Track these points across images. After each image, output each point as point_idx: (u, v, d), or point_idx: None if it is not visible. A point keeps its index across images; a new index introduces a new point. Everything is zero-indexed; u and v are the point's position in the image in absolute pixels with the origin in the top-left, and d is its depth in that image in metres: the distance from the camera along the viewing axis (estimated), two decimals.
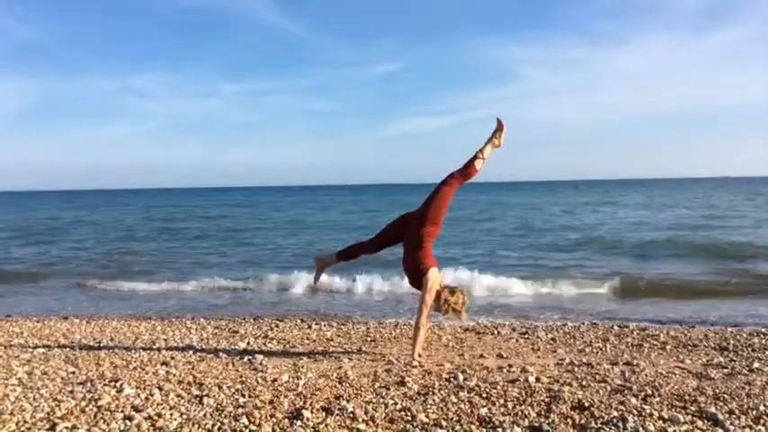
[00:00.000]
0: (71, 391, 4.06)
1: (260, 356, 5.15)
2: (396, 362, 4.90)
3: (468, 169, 5.03)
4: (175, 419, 3.50)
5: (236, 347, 5.76)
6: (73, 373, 4.64)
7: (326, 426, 3.39)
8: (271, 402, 3.79)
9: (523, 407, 3.66)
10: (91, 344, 6.03)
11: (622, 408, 3.60)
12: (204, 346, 5.81)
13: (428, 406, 3.68)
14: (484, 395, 3.90)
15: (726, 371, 4.58)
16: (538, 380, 4.25)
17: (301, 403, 3.75)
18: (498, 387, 4.07)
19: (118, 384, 4.19)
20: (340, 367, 4.74)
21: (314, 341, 6.06)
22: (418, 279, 4.88)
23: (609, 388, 4.06)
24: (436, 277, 4.85)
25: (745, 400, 3.75)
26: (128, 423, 3.44)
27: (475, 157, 5.02)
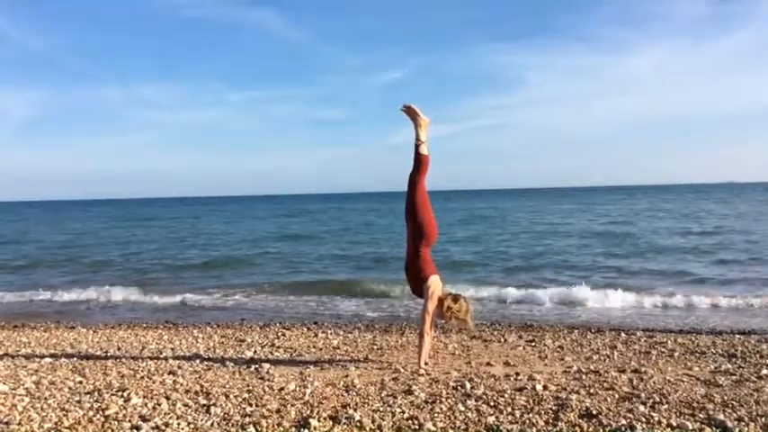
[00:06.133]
0: (78, 401, 4.07)
1: (267, 365, 5.15)
2: (402, 370, 4.89)
3: (420, 163, 5.00)
4: (183, 429, 3.51)
5: (243, 356, 5.76)
6: (80, 382, 4.65)
7: None
8: (278, 411, 3.79)
9: (531, 415, 3.64)
10: (98, 353, 6.05)
11: (630, 415, 3.58)
12: (211, 355, 5.82)
13: (435, 414, 3.68)
14: (491, 403, 3.89)
15: (734, 378, 4.56)
16: (545, 388, 4.24)
17: (308, 412, 3.75)
18: (506, 395, 4.06)
19: (125, 394, 4.20)
20: (347, 375, 4.74)
21: (320, 349, 6.06)
22: (420, 287, 4.88)
23: (617, 396, 4.04)
24: (437, 284, 4.85)
25: (754, 408, 3.72)
26: None
27: (417, 147, 5.00)
